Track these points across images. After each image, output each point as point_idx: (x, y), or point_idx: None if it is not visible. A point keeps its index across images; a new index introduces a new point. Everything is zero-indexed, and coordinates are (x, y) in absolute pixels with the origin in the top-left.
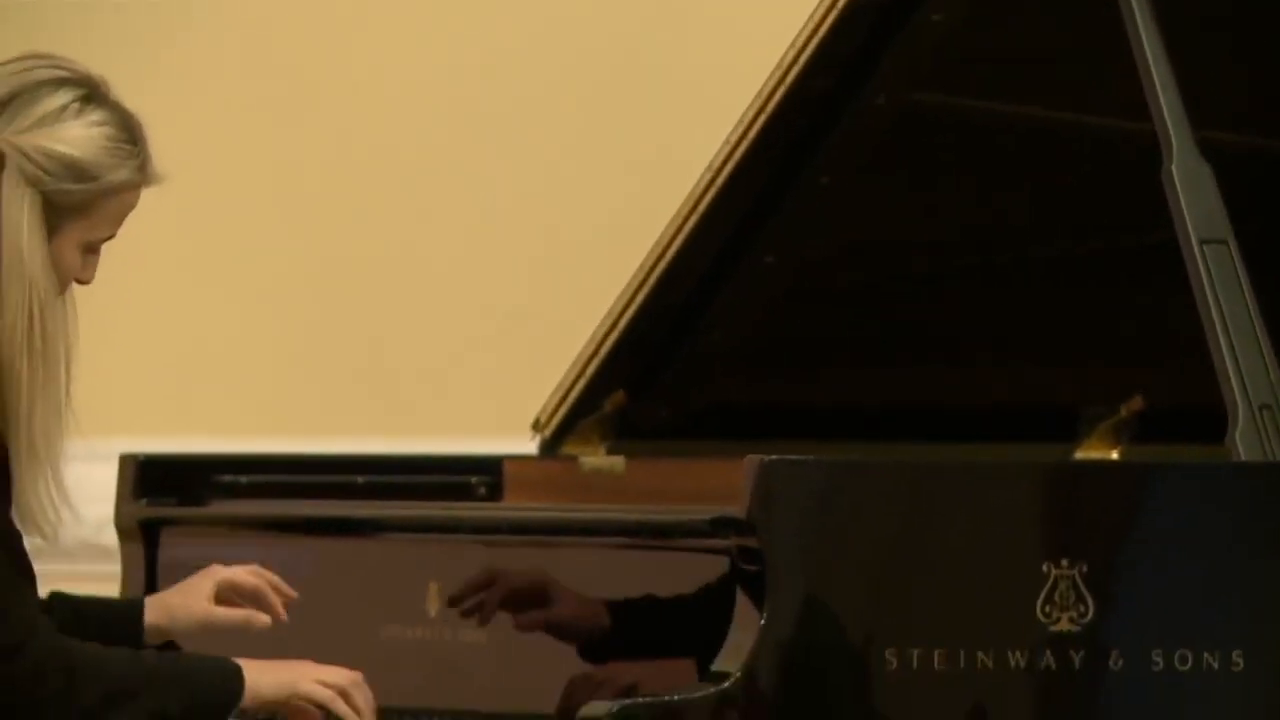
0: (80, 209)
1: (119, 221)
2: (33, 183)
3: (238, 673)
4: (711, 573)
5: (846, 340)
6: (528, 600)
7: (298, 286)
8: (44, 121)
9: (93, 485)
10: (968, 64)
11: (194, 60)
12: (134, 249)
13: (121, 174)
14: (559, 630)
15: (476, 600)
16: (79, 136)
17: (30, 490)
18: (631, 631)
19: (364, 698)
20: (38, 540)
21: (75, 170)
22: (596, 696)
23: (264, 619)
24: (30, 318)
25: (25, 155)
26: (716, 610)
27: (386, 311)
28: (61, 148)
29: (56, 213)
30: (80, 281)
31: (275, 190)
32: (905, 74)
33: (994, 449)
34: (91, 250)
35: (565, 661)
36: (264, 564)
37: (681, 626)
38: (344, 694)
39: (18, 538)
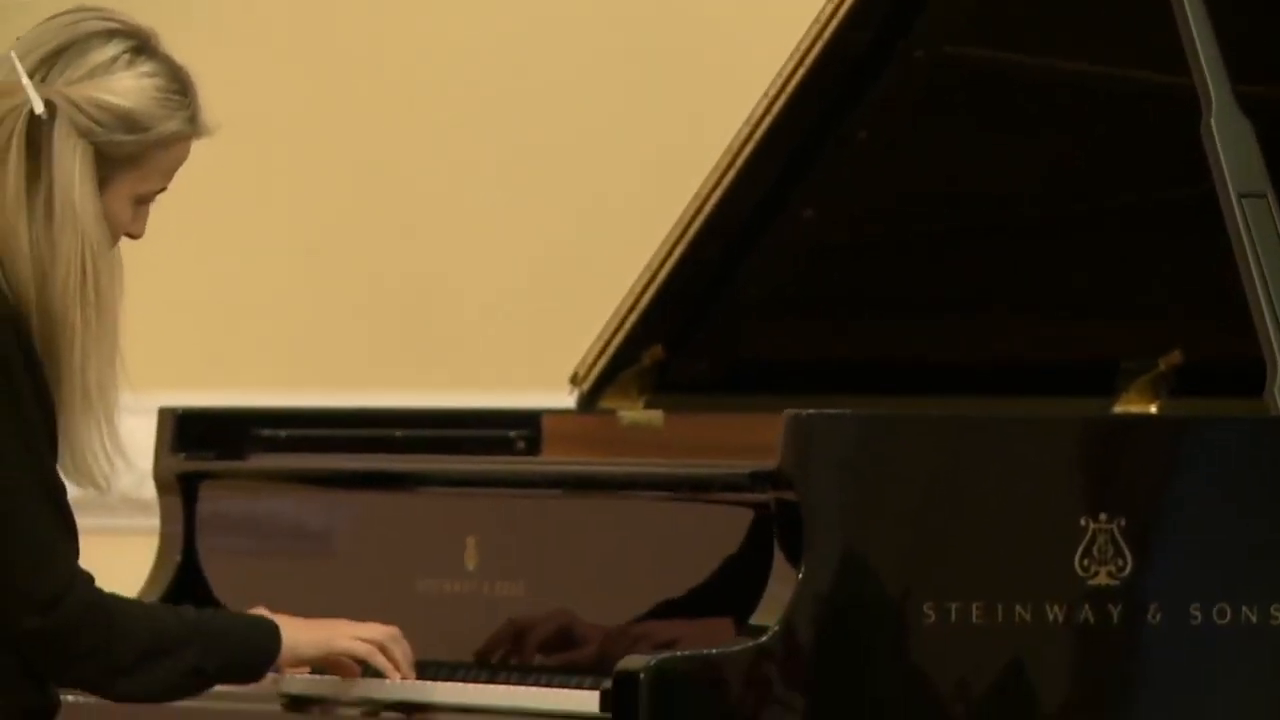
0: (131, 161)
1: (170, 174)
2: (84, 134)
3: (275, 630)
4: (750, 527)
5: (884, 294)
6: (565, 559)
7: (338, 240)
8: (95, 73)
9: (131, 439)
10: (1006, 17)
11: (230, 12)
12: (172, 201)
13: (172, 125)
14: (596, 585)
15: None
16: (130, 87)
17: (84, 441)
18: (668, 586)
19: (402, 651)
20: (90, 492)
21: (127, 121)
22: (634, 651)
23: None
24: (83, 269)
25: (77, 106)
26: (754, 564)
27: (425, 265)
28: (113, 99)
29: (108, 164)
30: (131, 235)
31: (315, 143)
32: (943, 27)
33: (1032, 403)
34: (142, 203)
35: (603, 616)
36: (302, 518)
37: (719, 580)
38: (382, 648)
39: (62, 491)
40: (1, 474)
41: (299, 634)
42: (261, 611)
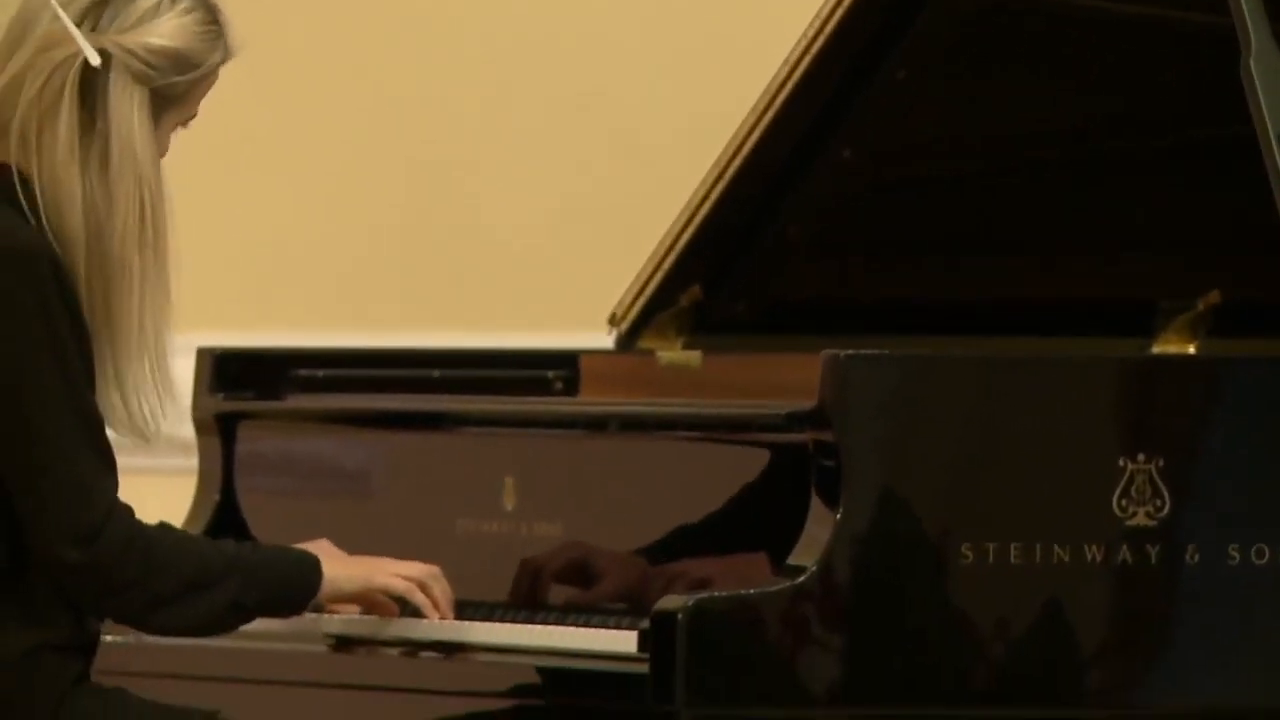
0: (180, 98)
1: (201, 100)
2: (141, 80)
3: (316, 565)
4: (787, 467)
5: (922, 234)
6: (603, 497)
7: (376, 179)
8: (143, 19)
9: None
10: None
11: None
12: (210, 141)
13: (216, 56)
14: (634, 525)
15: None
16: (176, 28)
17: (136, 385)
18: (707, 526)
19: (442, 590)
20: (140, 442)
21: (179, 62)
22: (672, 591)
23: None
24: (142, 213)
25: (132, 54)
26: (791, 505)
27: (464, 205)
28: (164, 42)
29: (160, 105)
30: None
31: (353, 82)
32: None
33: (1071, 343)
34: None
35: (640, 556)
36: (339, 458)
37: (756, 521)
38: (422, 586)
39: (100, 424)
40: (40, 406)
41: (340, 569)
42: (303, 547)
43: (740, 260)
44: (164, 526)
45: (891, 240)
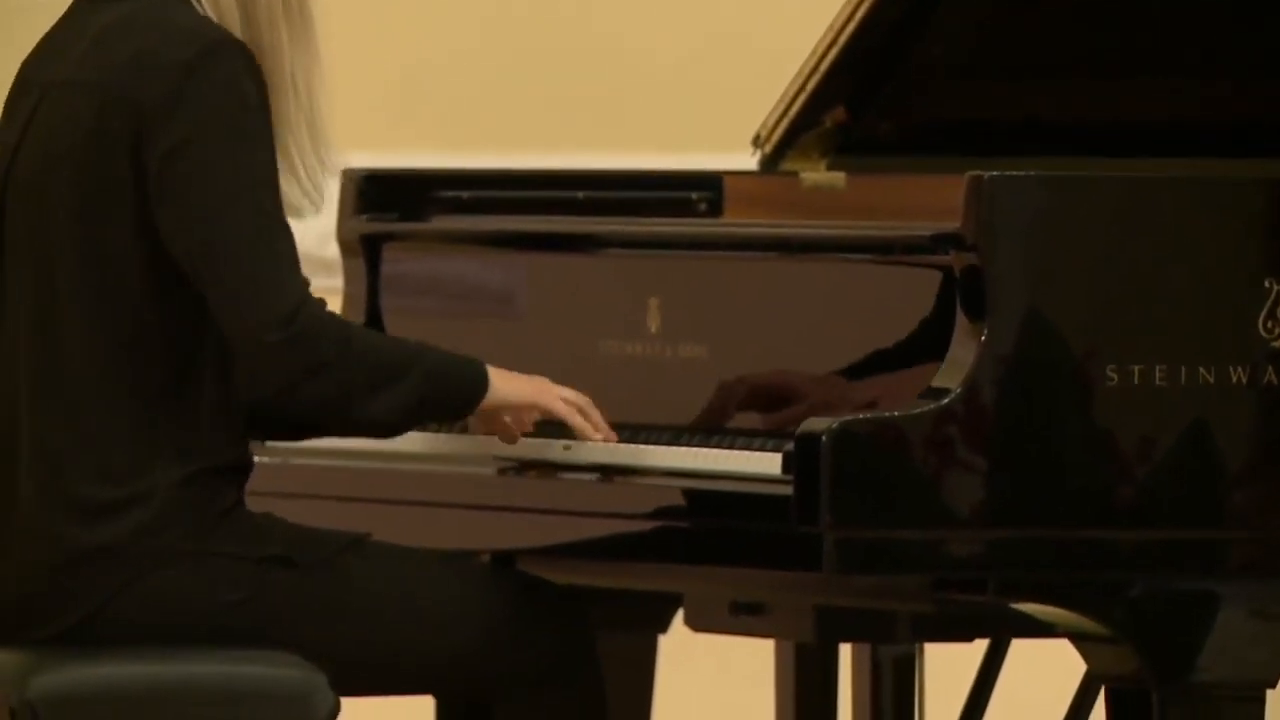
0: None
1: None
2: None
3: (484, 370)
4: (931, 289)
5: (1068, 54)
6: (749, 318)
7: None
8: None
9: None
10: None
11: None
12: None
13: None
14: (778, 347)
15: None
16: None
17: (300, 152)
18: (849, 348)
19: (597, 417)
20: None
21: None
22: (815, 414)
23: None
24: None
25: None
26: (936, 327)
27: (609, 24)
28: None
29: None
30: None
31: None
32: None
33: (1217, 164)
34: None
35: (785, 378)
36: (483, 279)
37: (900, 343)
38: (582, 411)
39: (288, 225)
40: (249, 190)
41: (505, 381)
42: None
43: (885, 81)
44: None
45: (1037, 60)
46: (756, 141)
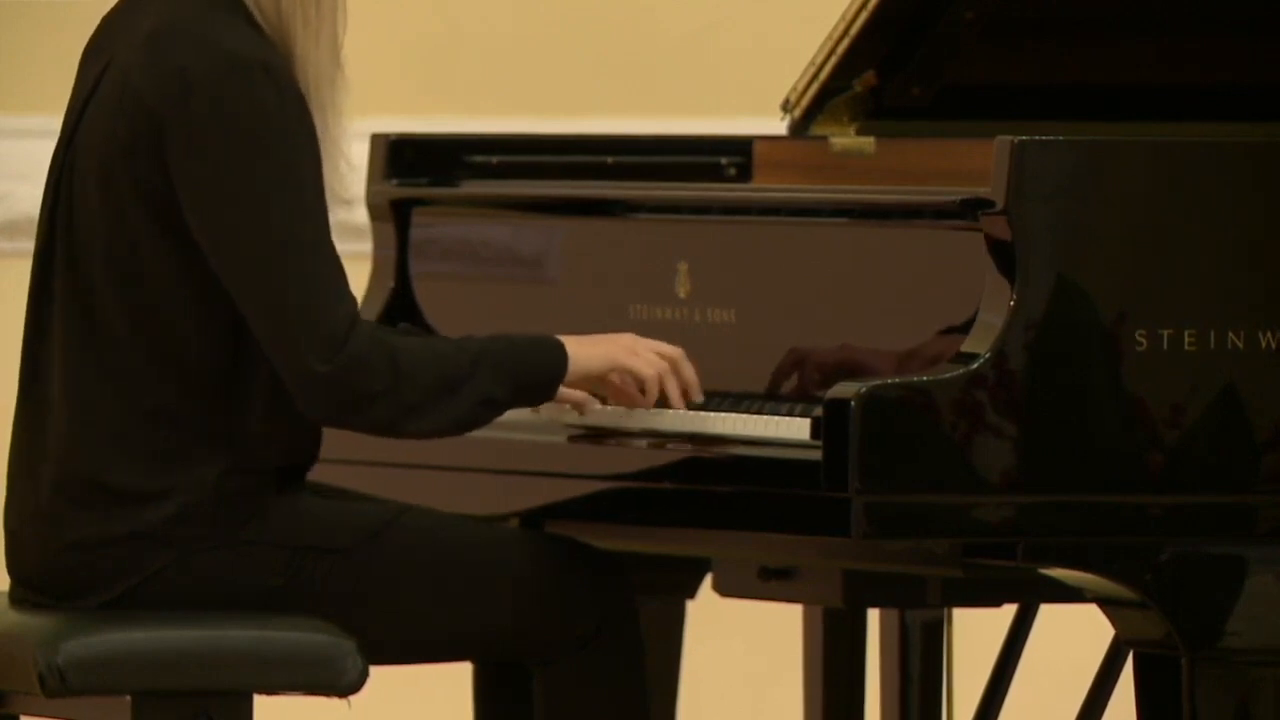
0: None
1: None
2: None
3: (561, 348)
4: (961, 253)
5: (1100, 16)
6: (779, 281)
7: None
8: None
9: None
10: None
11: None
12: None
13: None
14: (807, 312)
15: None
16: None
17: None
18: (878, 312)
19: (689, 373)
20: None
21: None
22: (844, 378)
23: (595, 406)
24: None
25: None
26: (965, 291)
27: None
28: None
29: None
30: None
31: None
32: None
33: (1249, 128)
34: None
35: (812, 343)
36: (513, 244)
37: (929, 307)
38: (673, 367)
39: (331, 239)
40: (287, 220)
41: (583, 349)
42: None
43: (915, 45)
44: (405, 330)
45: (1068, 23)
46: (786, 106)
